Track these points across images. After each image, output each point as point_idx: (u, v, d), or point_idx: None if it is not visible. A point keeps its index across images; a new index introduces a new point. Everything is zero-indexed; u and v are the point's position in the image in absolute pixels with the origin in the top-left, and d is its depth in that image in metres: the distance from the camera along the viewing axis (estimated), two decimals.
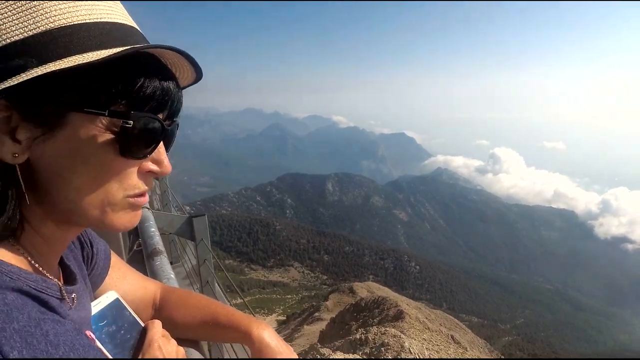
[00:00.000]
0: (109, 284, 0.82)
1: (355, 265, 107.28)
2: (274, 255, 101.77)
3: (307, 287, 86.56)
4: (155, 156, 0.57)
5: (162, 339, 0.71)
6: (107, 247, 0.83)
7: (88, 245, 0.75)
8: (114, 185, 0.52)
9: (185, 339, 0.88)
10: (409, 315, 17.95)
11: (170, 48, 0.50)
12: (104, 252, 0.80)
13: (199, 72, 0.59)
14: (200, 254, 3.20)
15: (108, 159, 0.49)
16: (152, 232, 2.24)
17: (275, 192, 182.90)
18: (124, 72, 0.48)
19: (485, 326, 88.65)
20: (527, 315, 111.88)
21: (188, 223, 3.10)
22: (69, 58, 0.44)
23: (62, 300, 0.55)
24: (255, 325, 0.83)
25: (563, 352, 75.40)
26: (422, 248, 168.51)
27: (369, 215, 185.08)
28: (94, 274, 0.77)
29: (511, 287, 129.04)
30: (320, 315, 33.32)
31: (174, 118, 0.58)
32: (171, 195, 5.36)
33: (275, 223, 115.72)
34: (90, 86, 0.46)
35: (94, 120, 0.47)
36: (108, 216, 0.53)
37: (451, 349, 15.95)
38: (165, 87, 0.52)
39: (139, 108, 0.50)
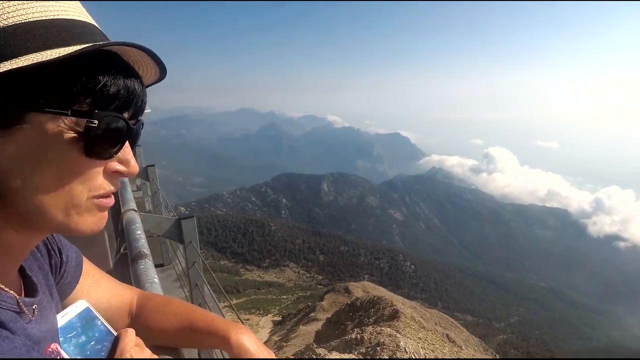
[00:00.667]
0: (80, 293, 0.78)
1: (351, 265, 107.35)
2: (269, 256, 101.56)
3: (303, 287, 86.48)
4: (122, 156, 0.55)
5: (134, 348, 0.67)
6: (78, 254, 0.79)
7: (56, 253, 0.72)
8: (78, 186, 0.50)
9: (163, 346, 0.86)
10: (404, 315, 17.97)
11: (133, 45, 0.49)
12: (74, 260, 0.77)
13: (163, 70, 0.58)
14: (189, 257, 3.17)
15: (72, 159, 0.48)
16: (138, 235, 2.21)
17: (270, 192, 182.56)
18: (87, 70, 0.47)
19: (480, 325, 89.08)
20: (522, 313, 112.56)
21: (176, 225, 3.09)
22: (27, 56, 0.43)
23: (20, 313, 0.53)
24: (234, 330, 0.81)
25: (557, 349, 75.92)
26: (417, 247, 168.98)
27: (364, 215, 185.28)
28: (63, 283, 0.74)
29: (506, 286, 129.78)
30: (316, 316, 33.29)
31: (139, 117, 0.57)
32: (162, 196, 5.32)
33: (271, 223, 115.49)
34: (51, 85, 0.44)
35: (57, 119, 0.46)
36: (73, 219, 0.51)
37: (446, 347, 16.00)
38: (130, 85, 0.51)
39: (104, 107, 0.49)
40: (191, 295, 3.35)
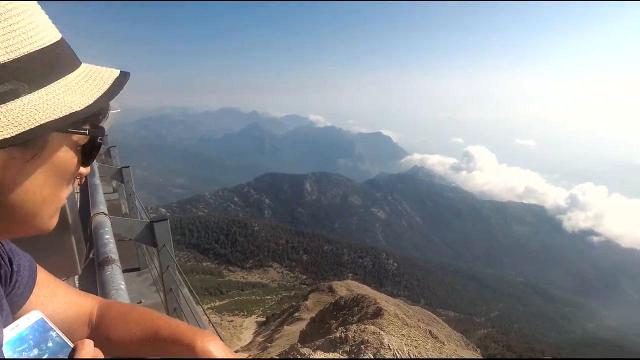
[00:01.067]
0: (34, 304, 0.73)
1: (335, 264, 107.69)
2: (252, 256, 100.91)
3: (287, 287, 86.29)
4: None
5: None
6: (32, 262, 0.75)
7: (6, 263, 0.69)
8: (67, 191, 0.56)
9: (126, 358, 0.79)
10: (387, 312, 18.19)
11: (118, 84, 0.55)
12: (27, 269, 0.73)
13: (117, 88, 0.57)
14: (162, 261, 3.10)
15: (74, 170, 0.54)
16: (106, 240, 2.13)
17: (253, 192, 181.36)
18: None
19: (461, 320, 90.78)
20: (501, 308, 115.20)
21: (149, 228, 3.02)
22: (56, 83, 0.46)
23: None
24: (199, 338, 0.76)
25: (535, 342, 78.02)
26: (400, 245, 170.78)
27: (347, 214, 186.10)
28: (14, 294, 0.70)
29: (486, 281, 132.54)
30: (300, 315, 33.29)
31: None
32: (137, 199, 5.22)
33: (254, 224, 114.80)
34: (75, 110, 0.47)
35: (69, 137, 0.51)
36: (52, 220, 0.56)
37: (429, 343, 16.27)
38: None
39: (98, 122, 0.56)
40: (165, 300, 3.30)
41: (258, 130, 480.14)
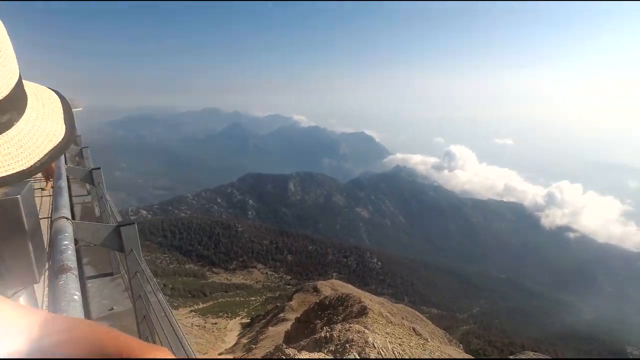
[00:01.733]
0: None
1: (319, 264, 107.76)
2: (236, 258, 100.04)
3: (271, 288, 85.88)
4: None
5: None
6: None
7: None
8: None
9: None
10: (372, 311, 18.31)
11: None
12: None
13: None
14: (130, 267, 2.98)
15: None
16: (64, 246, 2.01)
17: (236, 193, 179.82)
18: None
19: (444, 317, 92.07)
20: (483, 304, 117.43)
21: (115, 233, 2.91)
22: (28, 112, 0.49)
23: None
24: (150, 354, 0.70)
25: (516, 336, 79.82)
26: (384, 244, 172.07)
27: (331, 213, 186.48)
28: None
29: (468, 278, 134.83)
30: (285, 316, 33.20)
31: None
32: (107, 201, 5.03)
33: (237, 225, 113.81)
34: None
35: None
36: None
37: (413, 340, 16.46)
38: None
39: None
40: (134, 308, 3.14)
41: (241, 130, 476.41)
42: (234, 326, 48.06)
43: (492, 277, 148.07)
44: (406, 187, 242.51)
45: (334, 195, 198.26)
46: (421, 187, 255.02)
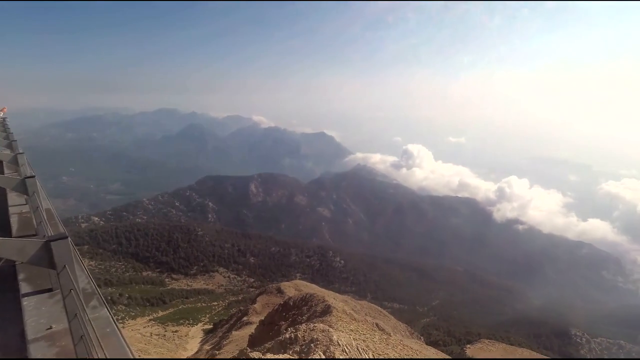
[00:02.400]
0: None
1: (282, 265, 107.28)
2: (197, 262, 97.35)
3: (234, 291, 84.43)
4: None
5: None
6: None
7: None
8: None
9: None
10: (336, 309, 18.55)
11: None
12: None
13: None
14: (63, 285, 2.76)
15: None
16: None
17: (195, 196, 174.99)
18: None
19: (406, 311, 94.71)
20: (442, 296, 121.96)
21: (45, 249, 2.69)
22: None
23: None
24: None
25: (473, 325, 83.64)
26: (346, 242, 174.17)
27: (293, 214, 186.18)
28: None
29: (427, 272, 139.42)
30: (249, 319, 32.81)
31: None
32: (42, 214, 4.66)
33: (197, 228, 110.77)
34: None
35: None
36: None
37: (376, 336, 16.84)
38: None
39: None
40: (69, 328, 2.87)
41: (199, 131, 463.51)
42: (196, 333, 46.81)
43: (450, 270, 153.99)
44: (367, 186, 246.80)
45: (296, 196, 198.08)
46: (381, 186, 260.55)
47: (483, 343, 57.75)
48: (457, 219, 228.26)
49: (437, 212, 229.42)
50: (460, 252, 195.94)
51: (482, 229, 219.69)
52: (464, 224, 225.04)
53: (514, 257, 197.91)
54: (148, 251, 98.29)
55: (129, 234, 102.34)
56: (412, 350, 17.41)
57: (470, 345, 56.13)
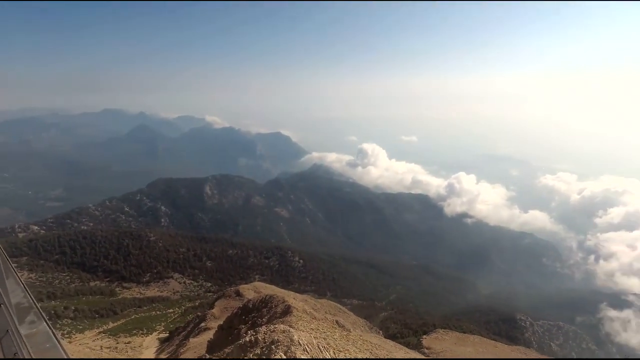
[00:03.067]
0: None
1: (241, 268, 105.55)
2: (149, 269, 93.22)
3: (191, 297, 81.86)
4: None
5: None
6: None
7: None
8: None
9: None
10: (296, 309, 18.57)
11: None
12: None
13: None
14: None
15: None
16: None
17: (146, 200, 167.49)
18: None
19: (365, 306, 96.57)
20: (399, 290, 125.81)
21: None
22: None
23: None
24: None
25: (428, 317, 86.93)
26: (305, 242, 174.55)
27: (251, 215, 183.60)
28: None
29: (384, 268, 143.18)
30: (207, 325, 31.99)
31: None
32: None
33: (149, 234, 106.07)
34: None
35: None
36: None
37: (337, 333, 17.08)
38: None
39: None
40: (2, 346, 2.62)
41: (148, 132, 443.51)
42: (151, 342, 44.96)
43: (405, 265, 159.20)
44: (324, 185, 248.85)
45: (253, 197, 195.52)
46: (338, 184, 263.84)
47: (438, 333, 60.18)
48: (411, 215, 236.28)
49: (392, 208, 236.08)
50: (414, 247, 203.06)
51: (435, 223, 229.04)
52: (417, 219, 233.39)
53: (464, 249, 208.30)
54: (96, 260, 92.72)
55: (73, 242, 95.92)
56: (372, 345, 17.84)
57: (426, 335, 58.24)
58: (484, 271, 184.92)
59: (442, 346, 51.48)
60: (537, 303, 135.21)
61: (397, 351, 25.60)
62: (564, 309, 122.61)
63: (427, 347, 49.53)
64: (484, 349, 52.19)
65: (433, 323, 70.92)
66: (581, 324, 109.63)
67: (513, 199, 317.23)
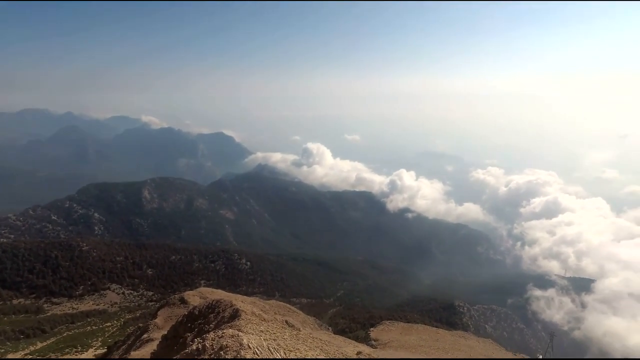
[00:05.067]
0: None
1: (185, 274, 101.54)
2: (83, 282, 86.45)
3: (130, 308, 77.30)
4: None
5: None
6: None
7: None
8: None
9: None
10: (244, 312, 18.32)
11: None
12: None
13: None
14: None
15: None
16: None
17: (77, 207, 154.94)
18: None
19: (314, 304, 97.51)
20: (346, 286, 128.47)
21: None
22: None
23: None
24: None
25: (374, 310, 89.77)
26: (251, 244, 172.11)
27: (194, 219, 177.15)
28: None
29: (331, 265, 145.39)
30: (150, 336, 30.44)
31: None
32: None
33: (81, 243, 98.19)
34: None
35: None
36: None
37: (286, 333, 17.12)
38: None
39: None
40: None
41: (77, 134, 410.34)
42: None
43: (352, 260, 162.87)
44: (269, 185, 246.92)
45: (196, 200, 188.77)
46: (283, 184, 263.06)
47: (384, 324, 62.38)
48: (356, 212, 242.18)
49: (338, 206, 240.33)
50: (360, 243, 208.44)
51: (378, 219, 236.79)
52: (362, 216, 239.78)
53: (406, 242, 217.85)
54: (19, 275, 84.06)
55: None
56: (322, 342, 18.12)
57: (373, 328, 60.19)
58: (425, 263, 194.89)
59: (389, 337, 53.50)
60: (473, 289, 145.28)
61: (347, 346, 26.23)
62: (496, 293, 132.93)
63: (375, 339, 51.20)
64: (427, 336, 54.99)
65: (379, 315, 73.43)
66: (511, 305, 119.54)
67: (449, 193, 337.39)
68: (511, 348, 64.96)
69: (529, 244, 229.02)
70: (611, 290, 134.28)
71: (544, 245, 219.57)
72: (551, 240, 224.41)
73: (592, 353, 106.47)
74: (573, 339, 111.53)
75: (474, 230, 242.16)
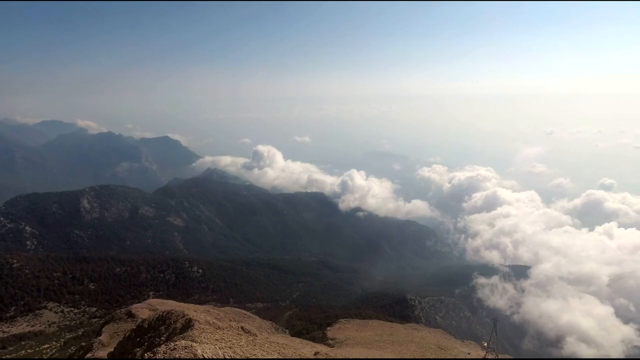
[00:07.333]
0: None
1: (131, 286, 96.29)
2: (14, 302, 79.05)
3: (71, 327, 71.94)
4: None
5: None
6: None
7: None
8: None
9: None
10: (198, 321, 17.84)
11: None
12: None
13: None
14: None
15: None
16: None
17: (4, 220, 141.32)
18: None
19: (269, 308, 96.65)
20: (301, 287, 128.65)
21: None
22: None
23: None
24: None
25: (330, 309, 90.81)
26: (202, 250, 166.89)
27: (139, 227, 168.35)
28: None
29: (286, 267, 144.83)
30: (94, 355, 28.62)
31: None
32: None
33: (11, 260, 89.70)
34: None
35: None
36: None
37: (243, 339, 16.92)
38: None
39: None
40: None
41: (1, 141, 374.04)
42: None
43: (306, 262, 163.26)
44: (219, 190, 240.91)
45: (141, 207, 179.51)
46: (234, 188, 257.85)
47: (340, 323, 63.46)
48: (309, 213, 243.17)
49: (290, 208, 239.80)
50: (313, 244, 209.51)
51: (331, 219, 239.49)
52: (314, 217, 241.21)
53: (358, 241, 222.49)
54: None
55: None
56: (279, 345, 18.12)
57: (330, 327, 60.98)
58: (377, 259, 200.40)
59: (346, 334, 54.48)
60: (423, 282, 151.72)
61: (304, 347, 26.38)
62: (445, 284, 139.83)
63: (332, 338, 51.88)
64: (382, 331, 56.66)
65: (335, 314, 74.39)
66: (459, 295, 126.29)
67: (398, 192, 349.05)
68: (459, 336, 68.74)
69: (472, 236, 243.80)
70: (545, 275, 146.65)
71: (485, 236, 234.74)
72: (491, 231, 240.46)
73: (530, 335, 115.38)
74: (513, 323, 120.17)
75: (422, 225, 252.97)
